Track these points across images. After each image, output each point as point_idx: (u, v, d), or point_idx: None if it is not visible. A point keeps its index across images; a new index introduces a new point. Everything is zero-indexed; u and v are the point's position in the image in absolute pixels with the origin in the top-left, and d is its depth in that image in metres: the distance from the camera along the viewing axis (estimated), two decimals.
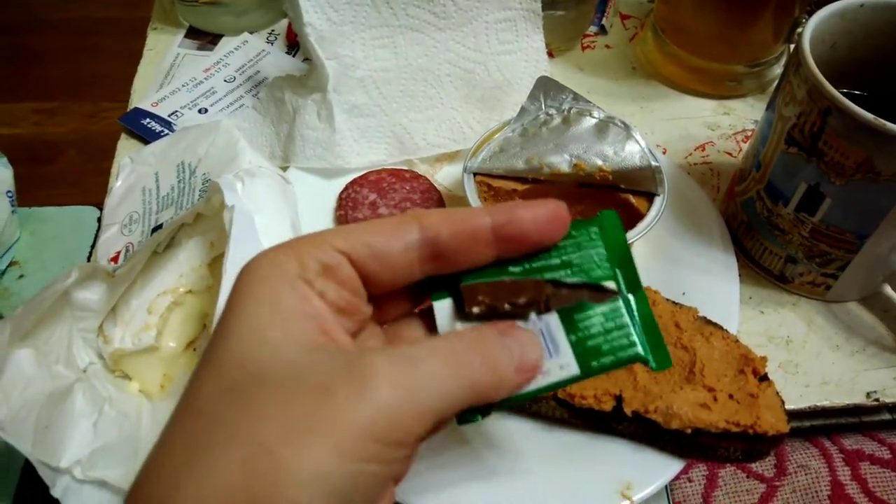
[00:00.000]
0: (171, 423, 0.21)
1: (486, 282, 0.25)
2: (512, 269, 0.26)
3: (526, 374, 0.24)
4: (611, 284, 0.26)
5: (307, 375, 0.20)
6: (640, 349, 0.25)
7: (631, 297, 0.26)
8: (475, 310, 0.25)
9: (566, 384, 0.25)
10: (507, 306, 0.25)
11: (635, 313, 0.25)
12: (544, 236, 0.25)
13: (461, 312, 0.26)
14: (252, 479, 0.18)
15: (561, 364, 0.25)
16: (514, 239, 0.25)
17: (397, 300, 0.27)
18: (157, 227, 0.45)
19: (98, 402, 0.38)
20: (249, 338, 0.21)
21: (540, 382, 0.25)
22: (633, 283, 0.26)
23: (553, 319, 0.25)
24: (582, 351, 0.25)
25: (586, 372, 0.25)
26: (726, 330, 0.39)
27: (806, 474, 0.43)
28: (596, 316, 0.25)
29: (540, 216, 0.25)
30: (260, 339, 0.21)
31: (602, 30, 0.63)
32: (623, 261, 0.26)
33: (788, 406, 0.37)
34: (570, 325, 0.25)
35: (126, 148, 0.54)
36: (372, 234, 0.24)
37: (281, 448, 0.19)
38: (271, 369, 0.20)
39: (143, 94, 0.58)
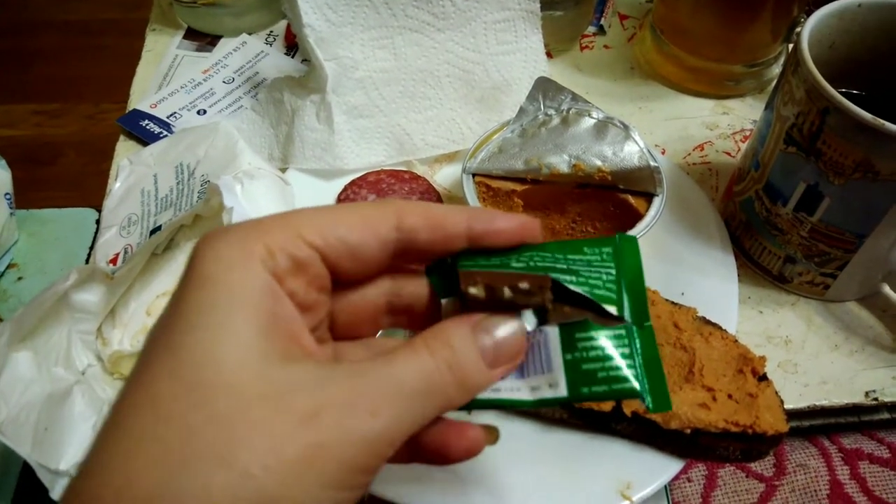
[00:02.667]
0: (132, 423, 0.19)
1: (484, 270, 0.24)
2: (514, 263, 0.25)
3: (506, 367, 0.23)
4: (612, 309, 0.24)
5: (288, 397, 0.19)
6: (636, 384, 0.23)
7: (636, 329, 0.24)
8: (471, 290, 0.24)
9: (552, 404, 0.23)
10: (506, 290, 0.24)
11: (638, 347, 0.24)
12: (513, 244, 0.25)
13: (458, 295, 0.24)
14: None
15: (550, 382, 0.23)
16: (485, 246, 0.24)
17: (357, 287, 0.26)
18: (156, 229, 0.45)
19: (97, 404, 0.38)
20: (217, 342, 0.19)
21: (525, 396, 0.23)
22: (641, 314, 0.25)
23: (553, 333, 0.24)
24: (575, 373, 0.23)
25: (574, 396, 0.23)
26: (725, 330, 0.39)
27: (805, 473, 0.43)
28: (598, 339, 0.24)
29: (514, 231, 0.24)
30: (231, 341, 0.19)
31: (601, 30, 0.63)
32: (633, 289, 0.25)
33: (787, 406, 0.37)
34: (568, 342, 0.24)
35: (125, 149, 0.54)
36: (347, 228, 0.22)
37: (267, 477, 0.18)
38: (248, 382, 0.19)
39: (142, 96, 0.58)
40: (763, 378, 0.37)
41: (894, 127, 0.35)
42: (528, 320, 0.24)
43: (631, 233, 0.41)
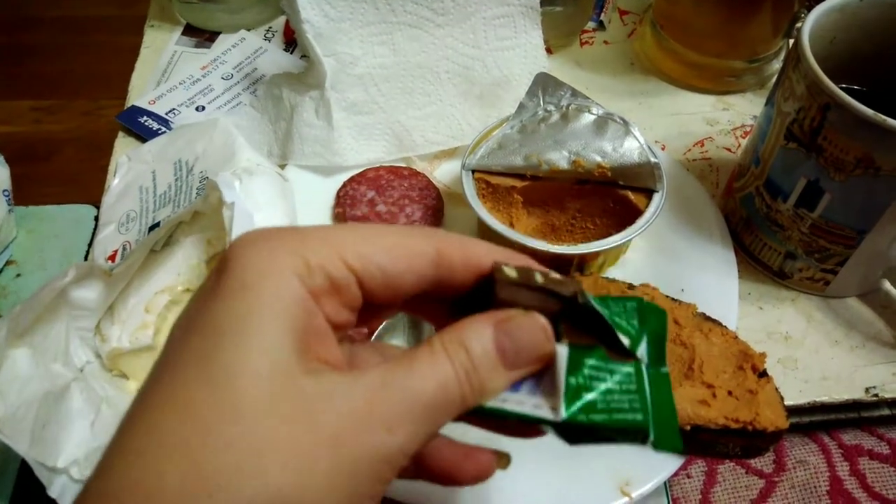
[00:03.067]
0: (160, 425, 0.19)
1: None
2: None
3: (526, 368, 0.22)
4: (626, 340, 0.23)
5: (314, 413, 0.19)
6: (640, 416, 0.22)
7: (650, 370, 0.23)
8: (505, 269, 0.22)
9: (548, 424, 0.22)
10: (538, 276, 0.23)
11: (648, 386, 0.22)
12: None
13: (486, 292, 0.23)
14: None
15: (552, 404, 0.22)
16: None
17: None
18: (155, 226, 0.45)
19: (95, 401, 0.38)
20: (252, 347, 0.19)
21: (527, 411, 0.22)
22: (658, 359, 0.23)
23: (562, 351, 0.22)
24: (576, 398, 0.22)
25: (572, 421, 0.22)
26: (725, 326, 0.39)
27: (805, 470, 0.43)
28: (606, 369, 0.22)
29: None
30: (264, 352, 0.19)
31: (600, 26, 0.63)
32: (654, 336, 0.24)
33: (788, 402, 0.37)
34: (575, 365, 0.22)
35: (123, 146, 0.54)
36: (388, 257, 0.22)
37: (298, 494, 0.18)
38: (278, 396, 0.19)
39: (141, 92, 0.58)
40: (763, 374, 0.37)
41: (895, 122, 0.34)
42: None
43: (631, 229, 0.41)
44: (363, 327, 0.27)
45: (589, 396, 0.22)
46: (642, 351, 0.23)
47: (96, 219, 0.53)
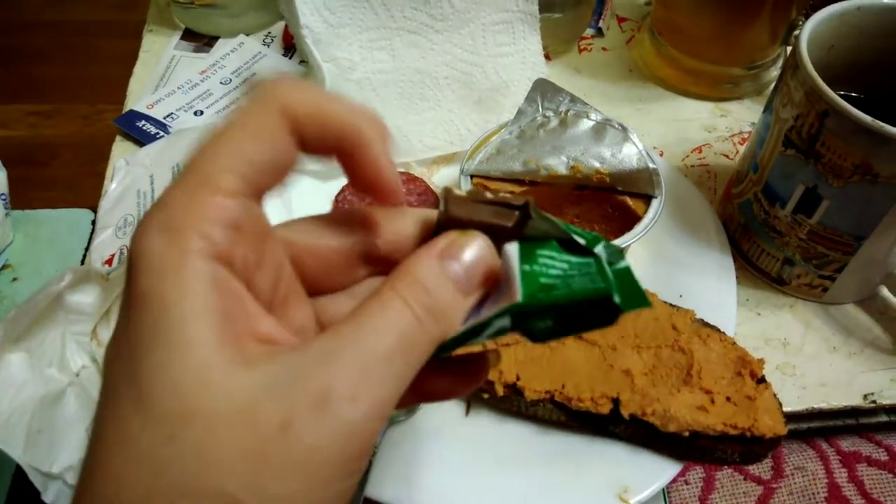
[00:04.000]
0: (104, 464, 0.18)
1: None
2: None
3: (479, 291, 0.21)
4: (581, 240, 0.22)
5: (256, 410, 0.18)
6: (602, 283, 0.20)
7: (609, 264, 0.21)
8: (455, 191, 0.22)
9: (507, 312, 0.20)
10: (488, 193, 0.22)
11: (607, 269, 0.21)
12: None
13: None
14: None
15: (509, 296, 0.20)
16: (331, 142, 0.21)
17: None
18: None
19: (90, 406, 0.38)
20: (169, 361, 0.18)
21: (482, 318, 0.21)
22: (618, 257, 0.22)
23: (512, 248, 0.21)
24: (531, 281, 0.20)
25: (529, 301, 0.20)
26: (723, 332, 0.39)
27: (803, 476, 0.43)
28: (562, 259, 0.21)
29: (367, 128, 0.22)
30: (182, 362, 0.18)
31: (599, 32, 0.63)
32: (612, 248, 0.22)
33: (786, 408, 0.37)
34: (528, 255, 0.21)
35: (121, 150, 0.54)
36: (249, 153, 0.20)
37: (252, 497, 0.17)
38: (209, 404, 0.18)
39: (139, 97, 0.58)
40: (761, 380, 0.37)
41: (893, 129, 0.34)
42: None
43: (629, 235, 0.41)
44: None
45: (545, 280, 0.20)
46: (600, 250, 0.22)
47: (93, 223, 0.52)
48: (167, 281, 0.18)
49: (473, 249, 0.21)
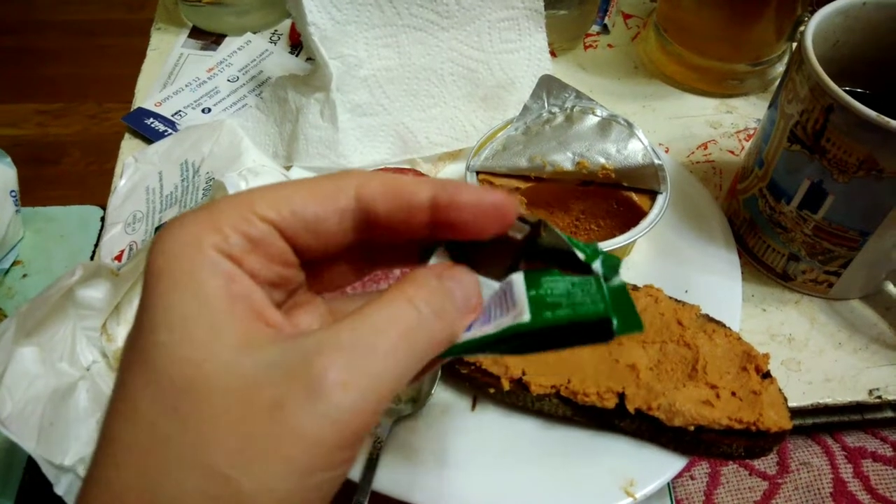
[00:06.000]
0: (110, 433, 0.19)
1: None
2: None
3: (471, 315, 0.23)
4: (581, 255, 0.23)
5: (252, 388, 0.18)
6: (602, 306, 0.22)
7: (606, 282, 0.23)
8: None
9: (515, 330, 0.22)
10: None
11: (606, 287, 0.23)
12: (481, 228, 0.23)
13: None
14: None
15: (514, 315, 0.22)
16: (449, 225, 0.22)
17: (334, 261, 0.25)
18: (161, 226, 0.46)
19: (101, 400, 0.39)
20: (178, 338, 0.19)
21: (488, 330, 0.22)
22: (613, 272, 0.24)
23: (517, 277, 0.23)
24: (538, 305, 0.22)
25: (536, 320, 0.21)
26: (729, 328, 0.39)
27: (808, 471, 0.43)
28: (563, 280, 0.23)
29: (483, 206, 0.22)
30: (190, 338, 0.19)
31: (604, 29, 0.63)
32: (610, 262, 0.24)
33: (791, 403, 0.37)
34: (533, 282, 0.23)
35: (130, 147, 0.55)
36: (302, 201, 0.21)
37: (237, 473, 0.18)
38: (211, 378, 0.18)
39: (147, 94, 0.58)
40: (766, 375, 0.37)
41: None
42: (496, 285, 0.24)
43: (634, 231, 0.41)
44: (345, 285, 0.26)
45: (550, 300, 0.22)
46: (597, 266, 0.23)
47: (102, 220, 0.53)
48: (183, 262, 0.19)
49: (468, 279, 0.23)
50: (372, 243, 0.24)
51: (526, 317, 0.22)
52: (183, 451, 0.18)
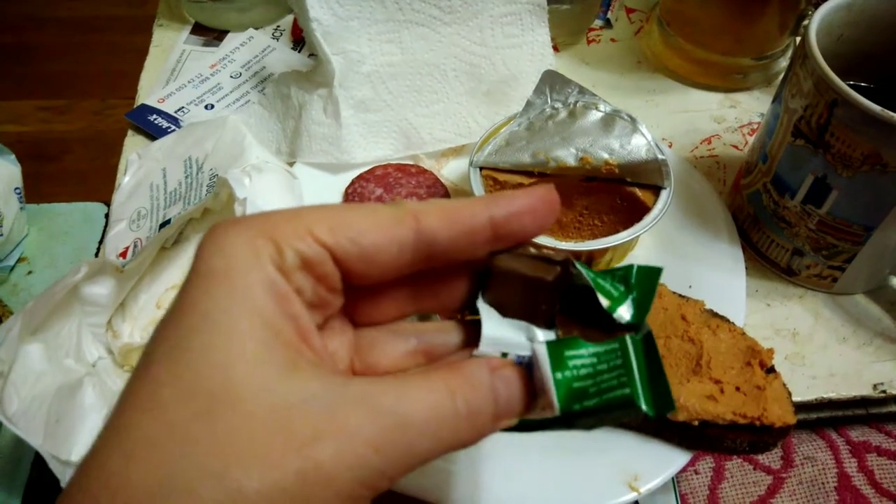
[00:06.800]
0: (124, 422, 0.18)
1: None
2: None
3: (505, 422, 0.22)
4: (605, 302, 0.24)
5: (291, 416, 0.18)
6: (627, 390, 0.22)
7: (632, 338, 0.23)
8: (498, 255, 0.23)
9: (553, 426, 0.23)
10: (531, 248, 0.23)
11: (632, 355, 0.23)
12: (539, 225, 0.23)
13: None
14: None
15: (544, 404, 0.22)
16: (513, 235, 0.23)
17: (380, 295, 0.25)
18: (165, 223, 0.46)
19: (107, 396, 0.39)
20: (223, 345, 0.18)
21: (530, 415, 0.23)
22: (641, 318, 0.24)
23: (541, 351, 0.23)
24: (566, 391, 0.22)
25: (567, 413, 0.22)
26: (733, 322, 0.39)
27: (812, 466, 0.43)
28: (588, 356, 0.23)
29: (535, 203, 0.23)
30: (236, 349, 0.18)
31: (607, 23, 0.63)
32: (642, 297, 0.24)
33: (795, 398, 0.37)
34: (557, 361, 0.22)
35: (133, 144, 0.55)
36: (362, 229, 0.21)
37: (259, 499, 0.17)
38: (252, 395, 0.18)
39: (150, 91, 0.58)
40: (771, 370, 0.37)
41: None
42: (540, 336, 0.24)
43: (638, 226, 0.41)
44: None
45: (578, 385, 0.22)
46: (625, 311, 0.24)
47: (107, 216, 0.53)
48: (239, 268, 0.19)
49: (517, 384, 0.22)
50: (425, 272, 0.24)
51: (556, 411, 0.22)
52: (208, 459, 0.17)
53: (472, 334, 0.25)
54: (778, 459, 0.44)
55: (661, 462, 0.37)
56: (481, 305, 0.24)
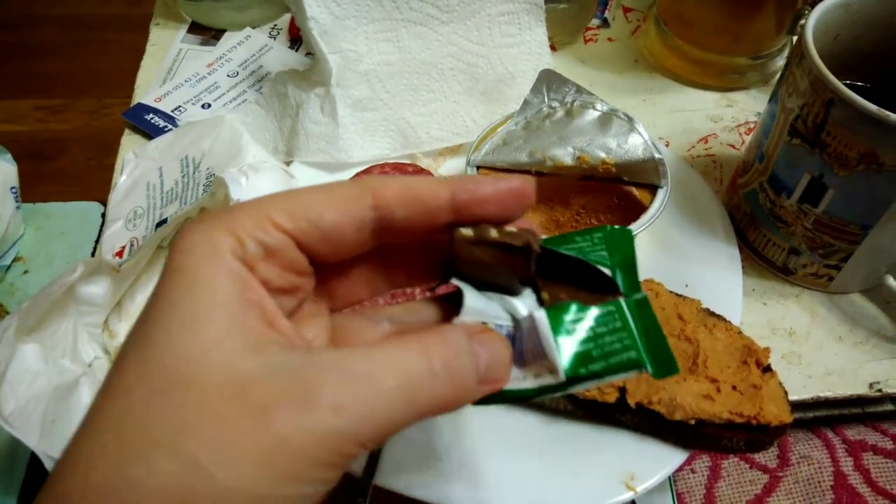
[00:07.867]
0: (93, 408, 0.19)
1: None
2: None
3: (490, 386, 0.22)
4: (606, 270, 0.24)
5: (247, 387, 0.19)
6: (634, 353, 0.22)
7: (627, 301, 0.24)
8: (462, 231, 0.22)
9: (554, 390, 0.22)
10: (493, 231, 0.23)
11: (630, 318, 0.23)
12: (504, 216, 0.23)
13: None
14: (187, 497, 0.17)
15: (549, 368, 0.22)
16: (474, 219, 0.23)
17: (347, 274, 0.25)
18: (162, 222, 0.46)
19: None
20: (184, 331, 0.19)
21: (529, 384, 0.22)
22: (632, 284, 0.24)
23: (541, 317, 0.23)
24: (570, 355, 0.22)
25: (573, 377, 0.22)
26: (729, 321, 0.39)
27: (809, 465, 0.43)
28: (587, 319, 0.23)
29: (502, 194, 0.23)
30: (196, 334, 0.19)
31: (604, 23, 0.63)
32: (624, 264, 0.24)
33: (791, 397, 0.37)
34: (557, 325, 0.23)
35: (130, 143, 0.55)
36: (319, 210, 0.21)
37: (213, 466, 0.18)
38: (210, 373, 0.19)
39: (147, 90, 0.58)
40: (767, 369, 0.37)
41: None
42: (520, 307, 0.24)
43: (635, 225, 0.41)
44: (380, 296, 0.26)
45: (581, 348, 0.22)
46: (619, 280, 0.24)
47: (103, 216, 0.53)
48: (201, 261, 0.20)
49: (499, 349, 0.22)
50: (388, 249, 0.24)
51: (561, 377, 0.22)
52: (162, 434, 0.18)
53: (447, 310, 0.25)
54: (774, 458, 0.44)
55: (658, 461, 0.37)
56: (455, 280, 0.24)
